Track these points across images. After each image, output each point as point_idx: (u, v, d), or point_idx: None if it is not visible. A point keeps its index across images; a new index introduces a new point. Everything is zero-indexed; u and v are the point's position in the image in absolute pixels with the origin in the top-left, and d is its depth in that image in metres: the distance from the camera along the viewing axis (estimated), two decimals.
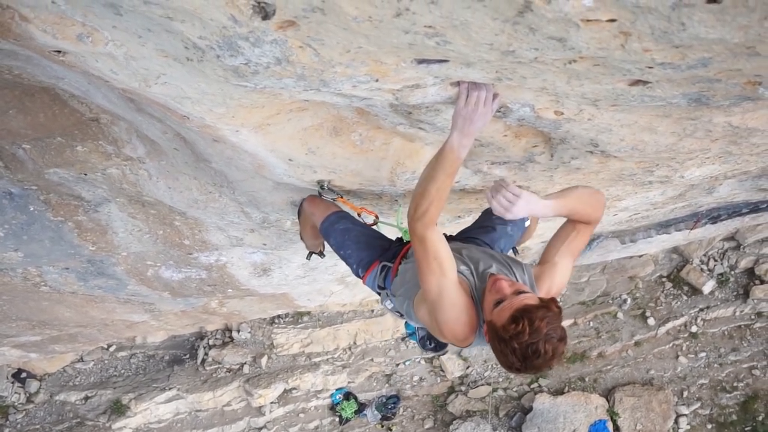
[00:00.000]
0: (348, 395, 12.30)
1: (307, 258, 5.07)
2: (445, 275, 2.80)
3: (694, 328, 12.37)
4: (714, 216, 7.51)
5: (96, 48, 2.40)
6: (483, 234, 3.84)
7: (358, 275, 3.87)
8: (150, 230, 5.57)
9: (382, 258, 3.71)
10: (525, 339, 2.44)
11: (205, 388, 11.56)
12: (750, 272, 12.28)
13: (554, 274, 3.13)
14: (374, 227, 4.08)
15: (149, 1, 1.94)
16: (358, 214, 4.07)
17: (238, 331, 12.04)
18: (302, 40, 2.08)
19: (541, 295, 2.89)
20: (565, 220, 3.15)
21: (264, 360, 11.96)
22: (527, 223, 4.10)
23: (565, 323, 12.31)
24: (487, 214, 4.01)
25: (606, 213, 5.76)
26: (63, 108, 4.00)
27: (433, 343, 4.35)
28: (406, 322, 4.01)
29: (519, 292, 2.66)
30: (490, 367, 12.50)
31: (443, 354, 12.33)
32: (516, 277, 3.05)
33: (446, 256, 2.81)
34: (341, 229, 3.86)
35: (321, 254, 5.05)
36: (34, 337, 8.17)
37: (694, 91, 2.34)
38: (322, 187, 3.98)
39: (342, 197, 4.08)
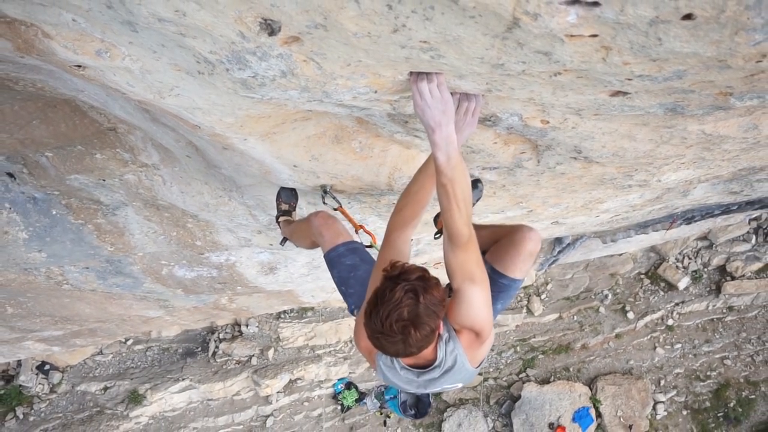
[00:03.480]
0: (349, 385, 12.30)
1: (281, 243, 4.41)
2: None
3: (670, 322, 12.39)
4: (689, 217, 7.52)
5: (114, 62, 2.40)
6: None
7: (352, 314, 3.32)
8: (164, 232, 5.56)
9: None
10: (392, 274, 2.20)
11: (216, 379, 11.55)
12: (722, 269, 12.31)
13: (456, 307, 2.52)
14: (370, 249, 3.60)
15: (163, 18, 1.94)
16: (356, 231, 3.74)
17: (247, 326, 12.04)
18: (306, 54, 2.08)
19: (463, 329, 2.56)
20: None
21: (271, 352, 11.95)
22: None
23: (551, 317, 12.41)
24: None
25: (588, 214, 5.77)
26: (83, 118, 4.00)
27: (413, 410, 3.97)
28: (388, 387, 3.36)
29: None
30: None
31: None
32: None
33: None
34: (349, 264, 3.34)
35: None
36: (56, 332, 8.15)
37: (670, 101, 2.34)
38: (325, 192, 3.96)
39: (342, 207, 3.94)
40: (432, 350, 2.51)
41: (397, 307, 2.13)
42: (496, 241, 3.14)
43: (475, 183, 3.87)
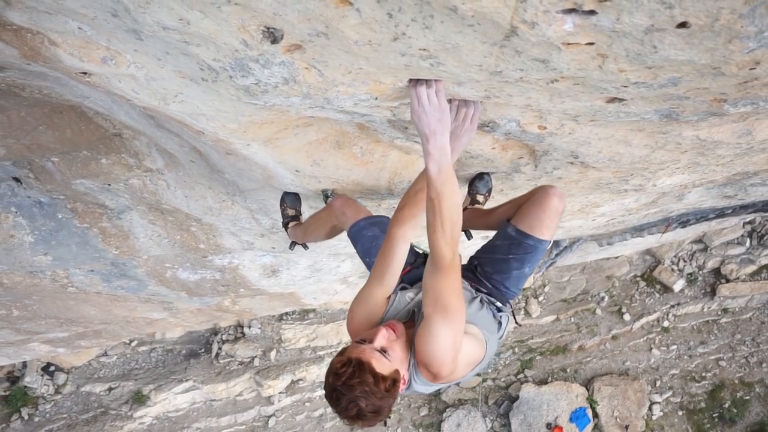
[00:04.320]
0: None
1: (290, 248, 4.63)
2: (374, 280, 2.67)
3: (665, 323, 12.38)
4: (683, 221, 7.51)
5: (119, 70, 2.40)
6: (491, 264, 3.10)
7: None
8: (168, 235, 5.56)
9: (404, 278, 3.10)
10: (336, 383, 2.23)
11: (219, 380, 11.54)
12: (716, 272, 12.31)
13: (421, 335, 2.37)
14: None
15: (168, 27, 1.94)
16: None
17: (249, 327, 12.03)
18: (308, 61, 2.08)
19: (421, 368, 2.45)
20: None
21: (273, 353, 11.94)
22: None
23: (549, 319, 12.39)
24: (504, 241, 3.13)
25: (585, 218, 5.77)
26: (88, 124, 4.00)
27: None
28: None
29: (381, 350, 2.34)
30: None
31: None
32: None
33: (386, 264, 2.65)
34: (370, 236, 3.34)
35: (305, 246, 4.65)
36: (61, 334, 8.14)
37: (665, 108, 2.34)
38: (327, 196, 3.96)
39: None
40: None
41: (344, 411, 2.26)
42: (520, 207, 3.07)
43: (481, 175, 3.81)
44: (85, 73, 2.51)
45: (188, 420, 11.54)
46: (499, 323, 2.96)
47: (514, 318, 3.23)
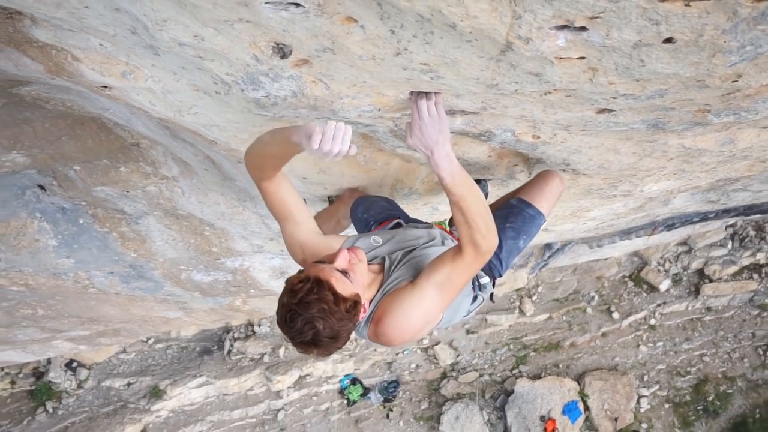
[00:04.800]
0: (354, 381, 12.25)
1: None
2: (283, 224, 2.43)
3: (652, 321, 12.34)
4: (669, 224, 7.49)
5: (137, 83, 2.41)
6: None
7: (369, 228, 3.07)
8: (183, 239, 5.56)
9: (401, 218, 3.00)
10: (292, 302, 1.94)
11: (231, 375, 11.52)
12: (700, 272, 12.27)
13: (398, 296, 2.21)
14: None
15: (183, 43, 1.95)
16: None
17: (260, 326, 12.02)
18: (315, 75, 2.08)
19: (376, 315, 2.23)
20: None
21: (282, 350, 11.93)
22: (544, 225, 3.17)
23: (542, 317, 12.34)
24: (504, 210, 3.06)
25: (576, 222, 5.75)
26: (108, 134, 4.01)
27: None
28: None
29: (342, 271, 2.06)
30: (477, 355, 12.45)
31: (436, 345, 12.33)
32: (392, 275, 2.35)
33: (280, 209, 2.38)
34: (372, 199, 3.29)
35: None
36: (83, 332, 8.15)
37: (652, 118, 2.34)
38: (331, 202, 3.96)
39: None
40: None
41: (299, 334, 1.95)
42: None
43: (479, 182, 3.80)
44: (105, 87, 2.52)
45: (202, 413, 11.52)
46: (474, 298, 2.72)
47: (491, 296, 2.95)
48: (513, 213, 3.01)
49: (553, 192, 3.06)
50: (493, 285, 2.88)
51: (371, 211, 3.16)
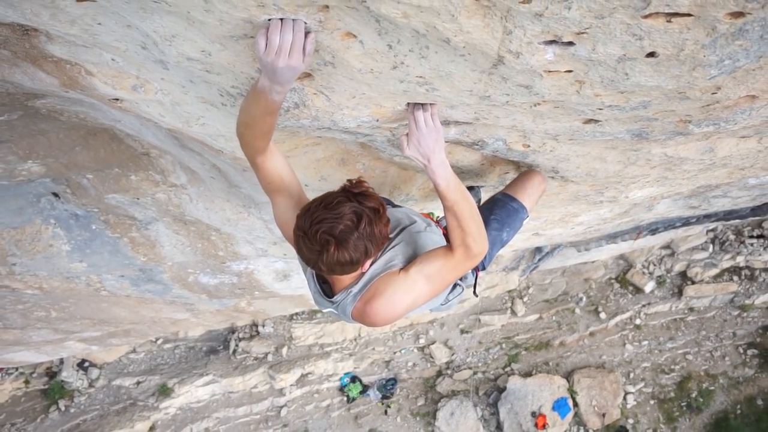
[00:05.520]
0: (354, 378, 12.22)
1: None
2: (277, 199, 2.29)
3: (638, 321, 12.34)
4: (653, 229, 7.51)
5: (147, 96, 2.41)
6: None
7: None
8: (191, 244, 5.55)
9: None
10: (351, 190, 1.90)
11: (236, 374, 11.49)
12: (683, 275, 12.29)
13: (389, 280, 2.17)
14: None
15: (191, 58, 1.95)
16: None
17: (263, 326, 11.99)
18: (316, 88, 2.09)
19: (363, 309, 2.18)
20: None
21: (284, 350, 11.89)
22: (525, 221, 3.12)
23: (532, 318, 12.33)
24: (489, 204, 3.10)
25: (565, 227, 5.76)
26: (120, 144, 4.00)
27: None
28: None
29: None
30: (471, 354, 12.43)
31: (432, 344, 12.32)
32: (388, 250, 2.28)
33: (274, 185, 2.26)
34: None
35: None
36: (95, 333, 8.12)
37: (636, 128, 2.34)
38: None
39: None
40: (340, 283, 2.19)
41: (334, 219, 1.82)
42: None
43: (471, 188, 3.81)
44: (117, 100, 2.52)
45: (208, 410, 11.48)
46: (454, 286, 2.66)
47: (474, 290, 2.89)
48: (497, 206, 3.04)
49: (535, 188, 3.10)
50: (476, 277, 2.84)
51: None
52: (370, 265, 2.19)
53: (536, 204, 3.20)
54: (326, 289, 2.30)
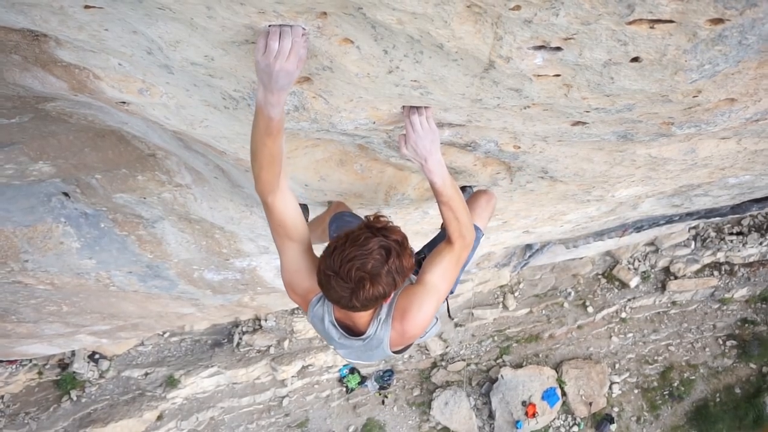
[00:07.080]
0: (353, 370, 12.21)
1: None
2: (285, 243, 2.20)
3: (623, 314, 12.36)
4: (638, 226, 7.52)
5: (153, 100, 2.40)
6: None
7: None
8: (195, 241, 5.54)
9: None
10: (374, 225, 1.86)
11: (240, 366, 11.46)
12: (666, 270, 12.30)
13: (416, 292, 2.17)
14: None
15: (195, 62, 1.94)
16: None
17: (266, 320, 11.96)
18: (315, 92, 2.08)
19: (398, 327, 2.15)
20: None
21: (286, 343, 11.88)
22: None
23: (523, 312, 12.31)
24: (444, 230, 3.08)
25: (554, 225, 5.76)
26: (127, 146, 3.99)
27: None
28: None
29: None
30: (464, 346, 12.43)
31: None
32: None
33: (284, 227, 2.16)
34: (347, 219, 3.22)
35: None
36: (104, 327, 8.10)
37: (621, 130, 2.34)
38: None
39: None
40: (367, 319, 2.12)
41: (364, 256, 1.78)
42: None
43: (464, 188, 3.82)
44: (124, 103, 2.51)
45: (213, 400, 11.47)
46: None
47: (448, 311, 3.03)
48: None
49: (483, 207, 3.15)
50: (447, 303, 2.80)
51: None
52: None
53: (488, 221, 3.25)
54: (345, 329, 2.19)
